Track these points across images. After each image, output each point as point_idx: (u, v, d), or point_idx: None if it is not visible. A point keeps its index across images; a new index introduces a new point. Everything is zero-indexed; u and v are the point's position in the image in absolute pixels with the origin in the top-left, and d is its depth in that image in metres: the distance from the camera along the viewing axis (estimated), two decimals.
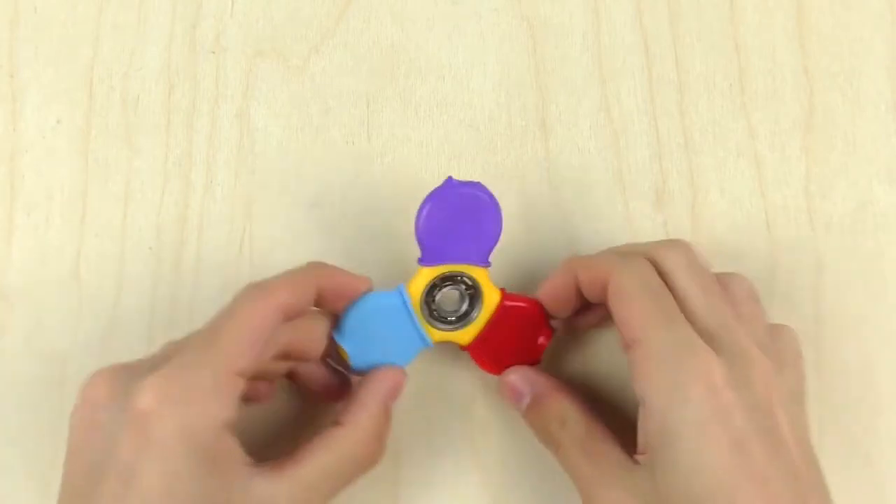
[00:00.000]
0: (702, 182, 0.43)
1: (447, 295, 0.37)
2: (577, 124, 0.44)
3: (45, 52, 0.44)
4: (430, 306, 0.37)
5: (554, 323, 0.39)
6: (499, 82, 0.44)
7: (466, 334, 0.37)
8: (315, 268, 0.35)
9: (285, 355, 0.35)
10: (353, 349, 0.36)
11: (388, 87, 0.44)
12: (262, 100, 0.43)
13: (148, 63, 0.44)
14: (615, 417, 0.37)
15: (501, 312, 0.37)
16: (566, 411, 0.36)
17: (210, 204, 0.42)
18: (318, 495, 0.33)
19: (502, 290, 0.37)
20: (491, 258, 0.37)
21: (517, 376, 0.37)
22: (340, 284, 0.35)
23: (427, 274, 0.36)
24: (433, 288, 0.37)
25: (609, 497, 0.33)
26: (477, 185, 0.36)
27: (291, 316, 0.34)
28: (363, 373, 0.37)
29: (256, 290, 0.33)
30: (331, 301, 0.36)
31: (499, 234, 0.36)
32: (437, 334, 0.37)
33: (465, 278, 0.37)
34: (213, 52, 0.44)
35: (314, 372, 0.38)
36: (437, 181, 0.37)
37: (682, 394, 0.31)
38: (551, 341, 0.39)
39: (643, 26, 0.44)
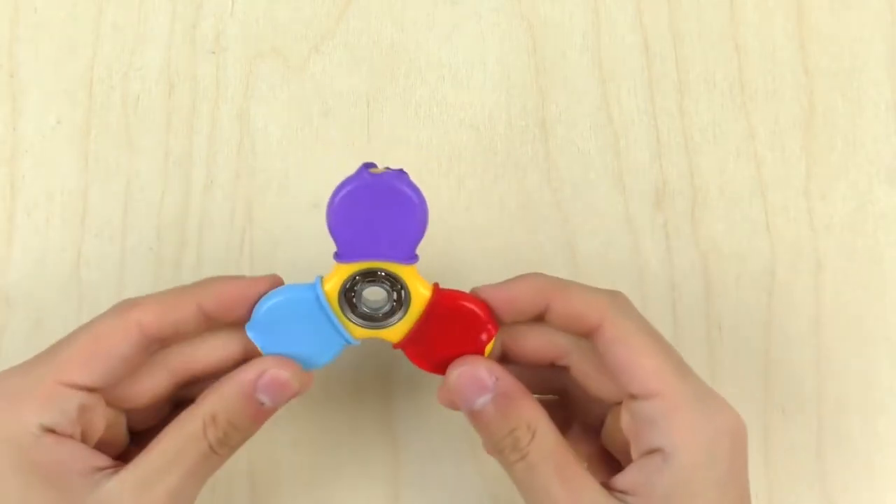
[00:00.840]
0: (702, 182, 0.43)
1: (370, 292, 0.33)
2: (577, 124, 0.44)
3: (45, 52, 0.44)
4: (353, 302, 0.33)
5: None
6: (499, 82, 0.44)
7: (395, 332, 0.34)
8: (200, 284, 0.33)
9: (191, 377, 0.34)
10: (266, 343, 0.33)
11: (388, 87, 0.44)
12: (262, 100, 0.43)
13: (148, 63, 0.44)
14: None
15: (435, 307, 0.33)
16: (538, 418, 0.32)
17: (210, 204, 0.42)
18: (163, 482, 0.31)
19: (435, 284, 0.33)
20: (419, 252, 0.33)
21: (481, 366, 0.33)
22: (229, 297, 0.33)
23: (343, 270, 0.33)
24: (354, 283, 0.33)
25: None
26: (396, 175, 0.32)
27: (163, 336, 0.33)
28: None
29: (118, 305, 0.33)
30: (226, 316, 0.33)
31: (423, 229, 0.32)
32: (359, 332, 0.34)
33: (387, 276, 0.33)
34: (213, 52, 0.44)
35: None
36: (438, 181, 0.37)
37: (715, 451, 0.31)
38: (497, 338, 0.34)
39: (643, 26, 0.44)
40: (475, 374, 0.32)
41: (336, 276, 0.33)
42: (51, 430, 0.31)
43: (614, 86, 0.44)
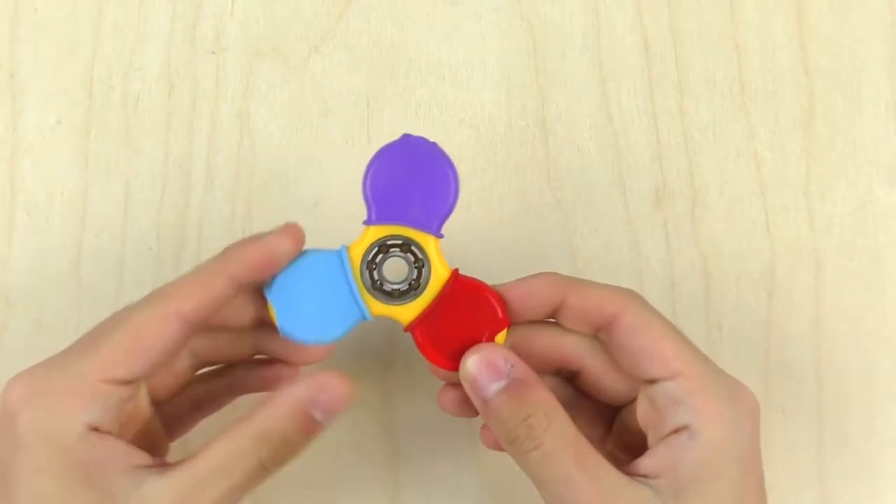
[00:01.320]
0: (702, 182, 0.43)
1: (392, 264, 0.34)
2: (577, 124, 0.44)
3: (45, 52, 0.44)
4: (373, 275, 0.34)
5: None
6: (499, 82, 0.44)
7: (409, 311, 0.34)
8: (226, 256, 0.33)
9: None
10: (282, 307, 0.33)
11: (388, 87, 0.44)
12: (262, 100, 0.43)
13: (148, 63, 0.44)
14: None
15: (450, 292, 0.34)
16: (554, 406, 0.32)
17: (210, 204, 0.42)
18: (208, 493, 0.30)
19: (455, 269, 0.34)
20: (444, 231, 0.34)
21: (496, 352, 0.32)
22: (258, 263, 0.33)
23: (372, 234, 0.34)
24: (377, 254, 0.34)
25: None
26: (435, 146, 0.34)
27: (203, 317, 0.32)
28: (293, 338, 0.34)
29: (152, 296, 0.32)
30: (258, 281, 0.33)
31: (454, 201, 0.34)
32: (376, 306, 0.34)
33: (413, 247, 0.34)
34: (213, 52, 0.44)
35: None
36: None
37: (739, 428, 0.31)
38: (509, 334, 0.34)
39: (643, 26, 0.44)
40: (491, 360, 0.32)
41: (363, 241, 0.34)
42: (95, 429, 0.30)
43: (614, 86, 0.44)
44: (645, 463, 0.32)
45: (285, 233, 0.33)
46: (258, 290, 0.34)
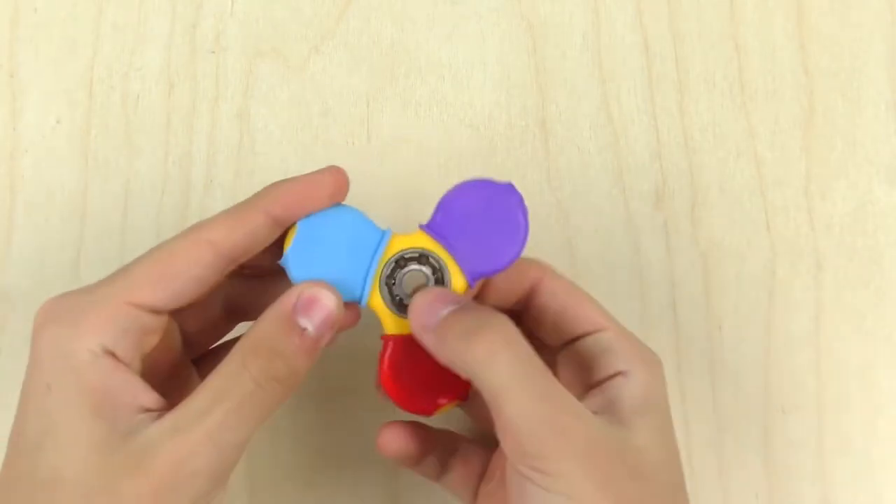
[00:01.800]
0: (702, 182, 0.43)
1: (413, 276, 0.33)
2: (577, 124, 0.44)
3: (45, 52, 0.44)
4: (394, 274, 0.33)
5: None
6: (499, 82, 0.44)
7: (396, 324, 0.33)
8: (263, 193, 0.32)
9: None
10: (301, 240, 0.32)
11: (388, 87, 0.44)
12: (262, 100, 0.43)
13: (148, 63, 0.44)
14: None
15: None
16: (513, 327, 0.31)
17: (210, 204, 0.42)
18: (203, 423, 0.29)
19: None
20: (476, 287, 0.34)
21: (444, 290, 0.32)
22: (296, 199, 0.32)
23: (419, 239, 0.33)
24: (410, 260, 0.33)
25: (578, 438, 0.29)
26: (525, 216, 0.34)
27: (236, 252, 0.31)
28: (287, 270, 0.32)
29: (187, 228, 0.31)
30: (296, 218, 0.32)
31: (504, 268, 0.33)
32: (376, 300, 0.33)
33: (444, 276, 0.33)
34: (213, 52, 0.44)
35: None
36: (437, 181, 0.36)
37: (655, 373, 0.33)
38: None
39: (643, 26, 0.44)
40: (440, 294, 0.32)
41: (408, 240, 0.33)
42: (110, 353, 0.29)
43: (614, 86, 0.44)
44: (586, 404, 0.32)
45: (327, 173, 0.33)
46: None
